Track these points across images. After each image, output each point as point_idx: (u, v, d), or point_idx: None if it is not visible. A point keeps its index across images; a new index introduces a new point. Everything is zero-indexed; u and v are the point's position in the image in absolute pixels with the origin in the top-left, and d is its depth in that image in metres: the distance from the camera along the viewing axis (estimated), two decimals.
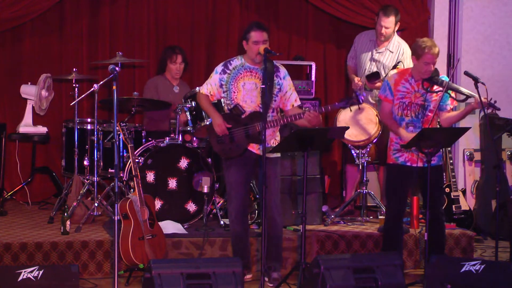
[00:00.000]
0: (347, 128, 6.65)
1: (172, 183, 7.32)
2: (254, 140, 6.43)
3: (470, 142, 8.61)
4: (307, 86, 8.33)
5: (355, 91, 6.77)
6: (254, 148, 6.48)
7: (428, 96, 6.60)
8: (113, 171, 6.43)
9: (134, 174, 6.70)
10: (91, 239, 6.85)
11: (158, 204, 7.24)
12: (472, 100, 6.53)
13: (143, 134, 7.70)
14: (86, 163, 7.58)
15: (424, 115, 6.59)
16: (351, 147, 7.66)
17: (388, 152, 6.75)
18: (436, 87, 6.59)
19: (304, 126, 6.47)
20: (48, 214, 7.69)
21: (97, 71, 8.64)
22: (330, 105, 6.69)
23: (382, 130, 7.47)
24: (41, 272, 5.63)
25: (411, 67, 6.69)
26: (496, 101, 6.46)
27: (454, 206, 7.98)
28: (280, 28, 9.10)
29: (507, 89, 8.58)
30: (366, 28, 8.19)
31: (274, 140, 6.53)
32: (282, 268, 6.75)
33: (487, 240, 8.01)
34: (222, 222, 7.29)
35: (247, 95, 6.46)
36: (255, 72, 6.48)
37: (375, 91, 7.77)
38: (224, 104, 6.58)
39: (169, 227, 7.05)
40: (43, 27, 8.63)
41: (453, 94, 6.64)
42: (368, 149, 7.65)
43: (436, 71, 6.62)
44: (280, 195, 6.61)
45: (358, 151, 7.65)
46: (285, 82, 6.51)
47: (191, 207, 7.35)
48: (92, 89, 7.43)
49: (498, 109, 6.50)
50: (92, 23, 8.76)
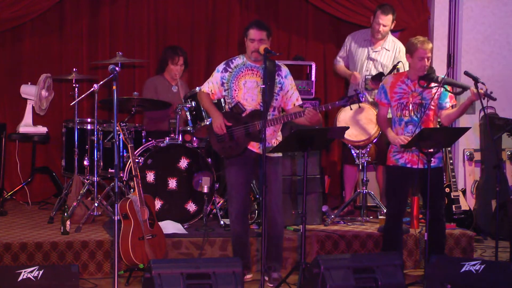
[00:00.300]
0: (347, 128, 6.65)
1: (172, 183, 7.32)
2: (254, 139, 6.43)
3: (470, 142, 8.61)
4: (307, 86, 8.33)
5: (355, 89, 6.76)
6: (254, 147, 6.48)
7: (426, 94, 6.61)
8: (113, 171, 6.43)
9: (134, 174, 6.70)
10: (91, 239, 6.84)
11: (158, 204, 7.24)
12: (469, 94, 6.54)
13: (143, 134, 7.70)
14: (86, 163, 7.57)
15: (424, 114, 6.60)
16: (351, 147, 7.66)
17: (388, 154, 6.75)
18: (432, 84, 6.60)
19: (304, 124, 6.47)
20: (48, 214, 7.69)
21: (97, 71, 8.64)
22: (330, 103, 6.70)
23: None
24: (41, 272, 5.63)
25: (407, 70, 6.71)
26: (492, 91, 6.46)
27: (454, 206, 7.98)
28: (280, 28, 9.10)
29: (507, 89, 8.58)
30: (366, 28, 8.18)
31: (276, 139, 6.53)
32: (282, 268, 6.75)
33: (487, 240, 8.01)
34: (222, 222, 7.29)
35: (248, 93, 6.46)
36: (256, 70, 6.48)
37: (375, 90, 7.78)
38: (226, 104, 6.58)
39: (169, 227, 7.05)
40: (43, 27, 8.63)
41: (450, 88, 6.64)
42: (368, 149, 7.65)
43: (431, 69, 6.64)
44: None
45: (358, 151, 7.65)
46: (286, 81, 6.52)
47: (191, 207, 7.35)
48: (92, 89, 7.43)
49: (494, 99, 6.48)
50: (92, 23, 8.76)
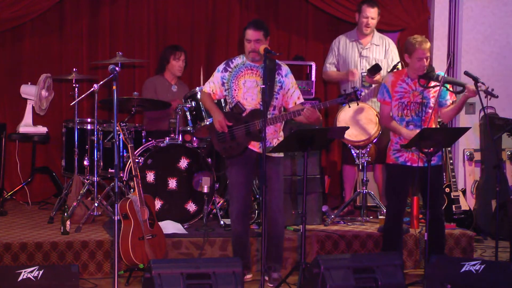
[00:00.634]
0: (347, 128, 6.65)
1: (172, 183, 7.32)
2: (255, 138, 6.43)
3: (470, 142, 8.61)
4: (307, 86, 8.33)
5: (353, 86, 6.77)
6: (255, 146, 6.48)
7: (426, 93, 6.61)
8: (113, 171, 6.43)
9: (134, 174, 6.70)
10: (91, 239, 6.85)
11: (158, 204, 7.24)
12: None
13: (143, 134, 7.70)
14: (86, 163, 7.57)
15: (424, 113, 6.60)
16: (351, 147, 7.66)
17: (388, 152, 6.75)
18: (433, 82, 6.59)
19: (304, 123, 6.47)
20: (48, 214, 7.69)
21: (97, 71, 8.64)
22: (328, 101, 6.70)
23: (382, 130, 7.46)
24: (41, 272, 5.63)
25: (407, 67, 6.70)
26: (493, 89, 6.46)
27: (454, 206, 7.98)
28: (280, 28, 9.10)
29: (507, 89, 8.58)
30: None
31: (277, 139, 6.52)
32: (282, 268, 6.75)
33: (487, 240, 8.01)
34: (222, 222, 7.29)
35: (248, 92, 6.47)
36: (256, 70, 6.48)
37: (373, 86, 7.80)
38: (227, 103, 6.58)
39: (169, 227, 7.05)
40: (43, 27, 8.63)
41: (450, 87, 6.64)
42: (368, 149, 7.65)
43: (431, 67, 6.64)
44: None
45: (358, 151, 7.65)
46: (287, 80, 6.51)
47: (191, 207, 7.35)
48: (92, 89, 7.43)
49: (496, 96, 6.49)
50: (92, 23, 8.76)
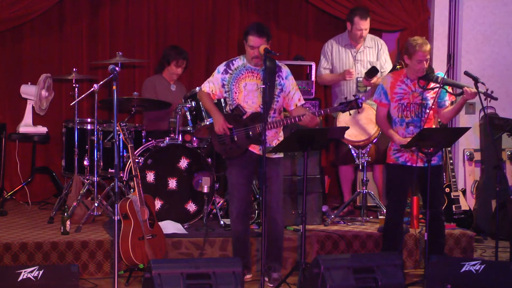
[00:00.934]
0: (347, 128, 6.66)
1: (172, 183, 7.32)
2: (255, 141, 6.43)
3: (470, 142, 8.61)
4: (307, 86, 8.33)
5: (354, 94, 6.79)
6: (255, 148, 6.48)
7: (426, 94, 6.61)
8: (113, 171, 6.42)
9: (134, 174, 6.70)
10: (91, 239, 6.84)
11: (158, 204, 7.24)
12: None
13: (143, 134, 7.70)
14: (86, 163, 7.57)
15: (424, 114, 6.60)
16: (351, 147, 7.66)
17: (388, 152, 6.76)
18: (432, 84, 6.59)
19: (304, 126, 6.48)
20: (48, 214, 7.69)
21: (97, 71, 8.64)
22: (329, 108, 6.71)
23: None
24: (41, 272, 5.63)
25: (406, 68, 6.70)
26: (492, 91, 6.45)
27: (454, 206, 7.98)
28: (280, 28, 9.10)
29: (507, 89, 8.58)
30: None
31: (277, 141, 6.52)
32: (282, 268, 6.75)
33: (487, 240, 8.01)
34: (222, 222, 7.29)
35: (248, 95, 6.46)
36: (257, 73, 6.47)
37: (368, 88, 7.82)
38: (226, 105, 6.58)
39: (169, 227, 7.05)
40: (43, 27, 8.63)
41: (450, 89, 6.65)
42: (368, 149, 7.65)
43: (430, 68, 6.64)
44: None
45: (358, 151, 7.65)
46: (287, 82, 6.50)
47: (191, 207, 7.35)
48: (92, 89, 7.42)
49: (496, 98, 6.48)
50: (92, 23, 8.76)
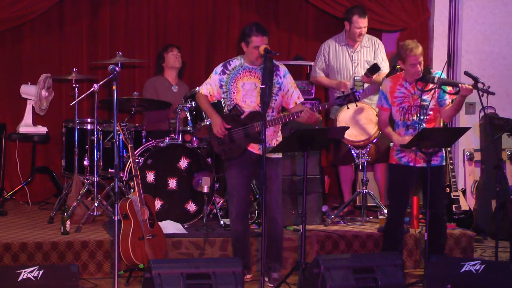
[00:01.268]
0: (347, 128, 6.66)
1: (172, 183, 7.32)
2: (254, 140, 6.43)
3: (470, 142, 8.61)
4: (307, 86, 8.33)
5: (351, 88, 6.79)
6: (255, 148, 6.48)
7: (425, 95, 6.61)
8: (113, 171, 6.42)
9: (134, 174, 6.70)
10: (91, 239, 6.84)
11: (158, 204, 7.24)
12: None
13: (143, 134, 7.70)
14: (86, 163, 7.57)
15: (426, 115, 6.61)
16: (351, 147, 7.66)
17: (390, 152, 6.76)
18: (430, 85, 6.60)
19: (304, 123, 6.48)
20: (48, 214, 7.69)
21: (97, 71, 8.64)
22: (327, 102, 6.71)
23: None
24: (41, 272, 5.63)
25: (403, 72, 6.69)
26: (489, 86, 6.45)
27: (454, 206, 7.98)
28: (280, 28, 9.10)
29: (507, 89, 8.58)
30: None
31: (276, 140, 6.52)
32: (282, 268, 6.75)
33: (487, 240, 8.01)
34: (222, 222, 7.29)
35: (247, 95, 6.46)
36: (254, 72, 6.47)
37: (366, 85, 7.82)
38: (225, 105, 6.58)
39: (169, 227, 7.05)
40: (43, 27, 8.63)
41: (448, 88, 6.65)
42: (368, 149, 7.65)
43: (426, 70, 6.65)
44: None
45: (358, 151, 7.65)
46: (285, 80, 6.50)
47: (191, 207, 7.35)
48: (92, 89, 7.42)
49: (493, 93, 6.47)
50: (92, 23, 8.76)
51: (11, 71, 8.58)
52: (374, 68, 7.64)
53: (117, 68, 5.67)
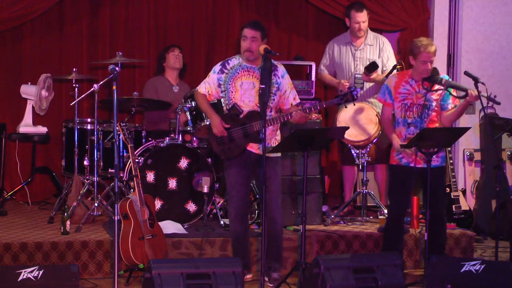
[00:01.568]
0: (347, 128, 6.66)
1: (172, 183, 7.32)
2: (253, 140, 6.43)
3: (470, 142, 8.61)
4: (307, 86, 8.33)
5: (349, 87, 6.78)
6: (254, 148, 6.48)
7: (429, 95, 6.60)
8: (113, 171, 6.43)
9: (134, 174, 6.70)
10: (91, 239, 6.84)
11: (158, 204, 7.24)
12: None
13: (143, 134, 7.70)
14: (86, 163, 7.57)
15: (427, 115, 6.61)
16: (351, 147, 7.66)
17: (391, 153, 6.76)
18: (436, 86, 6.60)
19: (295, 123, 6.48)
20: (48, 214, 7.69)
21: (97, 71, 8.64)
22: (325, 101, 6.70)
23: (382, 130, 7.47)
24: (41, 272, 5.63)
25: (411, 69, 6.69)
26: (496, 95, 6.45)
27: (454, 206, 7.98)
28: (280, 28, 9.11)
29: (507, 89, 8.58)
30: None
31: (275, 139, 6.52)
32: (282, 268, 6.75)
33: (487, 240, 8.01)
34: (222, 222, 7.29)
35: (245, 94, 6.45)
36: (253, 71, 6.47)
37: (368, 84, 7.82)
38: (224, 104, 6.58)
39: (169, 227, 7.05)
40: (43, 27, 8.64)
41: (454, 92, 6.64)
42: (368, 149, 7.65)
43: (435, 70, 6.63)
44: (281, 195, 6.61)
45: (358, 151, 7.65)
46: (283, 81, 6.50)
47: (191, 207, 7.35)
48: (92, 89, 7.42)
49: (498, 103, 6.48)
50: (92, 23, 8.76)
51: (11, 71, 8.59)
52: (372, 66, 7.64)
53: (117, 68, 5.67)
